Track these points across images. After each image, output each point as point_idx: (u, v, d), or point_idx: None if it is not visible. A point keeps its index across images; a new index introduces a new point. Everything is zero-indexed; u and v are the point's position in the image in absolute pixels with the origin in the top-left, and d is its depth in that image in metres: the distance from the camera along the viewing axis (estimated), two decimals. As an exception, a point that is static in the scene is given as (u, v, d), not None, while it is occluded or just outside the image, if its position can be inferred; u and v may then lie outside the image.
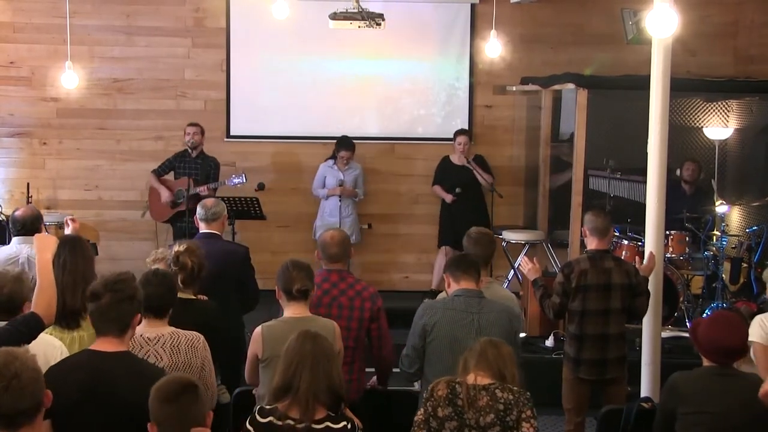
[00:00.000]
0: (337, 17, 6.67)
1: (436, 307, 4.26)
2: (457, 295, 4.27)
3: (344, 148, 8.21)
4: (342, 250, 4.51)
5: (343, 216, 8.18)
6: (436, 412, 3.41)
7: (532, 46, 8.90)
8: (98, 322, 3.19)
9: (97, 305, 3.16)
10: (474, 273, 4.33)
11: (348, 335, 4.38)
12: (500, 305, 4.33)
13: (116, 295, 3.16)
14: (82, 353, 3.34)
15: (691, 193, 8.08)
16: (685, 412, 3.54)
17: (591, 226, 5.08)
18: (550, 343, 6.82)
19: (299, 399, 3.14)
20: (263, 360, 3.93)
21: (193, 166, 7.89)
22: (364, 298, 4.45)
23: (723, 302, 7.20)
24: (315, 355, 3.22)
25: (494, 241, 4.78)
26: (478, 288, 4.32)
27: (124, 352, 3.20)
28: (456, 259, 4.47)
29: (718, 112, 8.62)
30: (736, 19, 9.07)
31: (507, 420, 3.37)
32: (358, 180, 8.38)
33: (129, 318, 3.20)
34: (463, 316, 4.18)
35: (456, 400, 3.40)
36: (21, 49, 8.75)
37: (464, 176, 8.30)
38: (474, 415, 3.37)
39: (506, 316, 4.26)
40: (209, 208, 5.29)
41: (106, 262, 8.29)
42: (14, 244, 5.16)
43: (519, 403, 3.41)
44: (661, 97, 5.03)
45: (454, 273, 4.34)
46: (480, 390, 3.42)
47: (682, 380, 3.63)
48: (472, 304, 4.21)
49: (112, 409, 3.03)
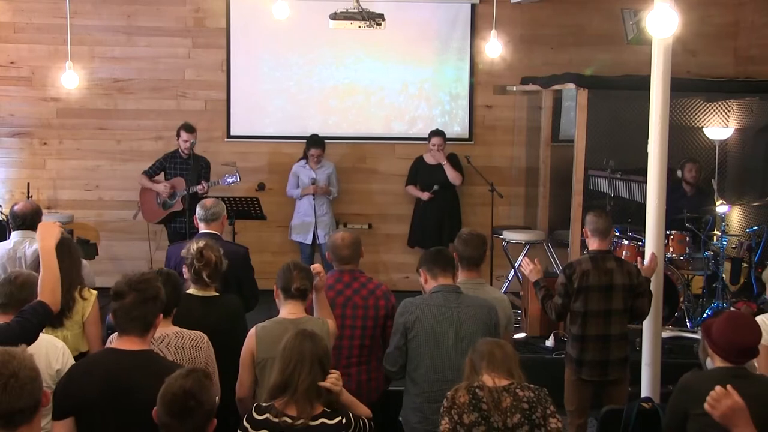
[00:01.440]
0: (338, 17, 6.67)
1: (416, 304, 4.26)
2: (436, 291, 4.28)
3: (314, 146, 8.18)
4: (353, 251, 4.52)
5: (319, 215, 8.16)
6: (461, 419, 3.39)
7: (533, 46, 8.91)
8: (121, 320, 3.19)
9: (121, 304, 3.17)
10: (450, 269, 4.35)
11: (364, 334, 4.39)
12: (479, 300, 4.33)
13: (140, 294, 3.17)
14: (104, 352, 3.38)
15: (692, 193, 8.07)
16: (699, 413, 3.49)
17: (592, 226, 5.08)
18: (551, 344, 6.82)
19: (297, 398, 3.17)
20: (257, 361, 3.92)
21: (185, 167, 7.85)
22: (378, 296, 4.47)
23: (723, 302, 7.20)
24: (313, 354, 3.24)
25: (486, 242, 4.76)
26: (455, 283, 4.33)
27: (146, 350, 3.22)
28: (432, 254, 4.42)
29: (718, 112, 8.62)
30: (737, 19, 9.07)
31: (533, 418, 3.39)
32: (332, 178, 8.35)
33: (152, 317, 3.22)
34: (443, 311, 4.19)
35: (480, 405, 3.39)
36: (21, 49, 8.75)
37: (438, 176, 8.30)
38: (500, 417, 3.37)
39: (485, 310, 4.25)
40: (208, 209, 5.27)
41: (107, 262, 8.32)
42: (14, 239, 5.14)
43: (541, 399, 3.43)
44: (662, 97, 5.02)
45: (432, 269, 4.34)
46: (501, 391, 3.41)
47: (695, 381, 3.59)
48: (451, 299, 4.22)
49: (133, 407, 3.04)
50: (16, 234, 5.16)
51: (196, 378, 2.83)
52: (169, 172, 7.97)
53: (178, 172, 7.89)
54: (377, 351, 4.47)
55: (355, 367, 4.40)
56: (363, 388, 4.34)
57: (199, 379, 2.83)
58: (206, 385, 2.85)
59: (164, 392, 2.81)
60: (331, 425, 3.17)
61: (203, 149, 8.21)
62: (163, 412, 2.79)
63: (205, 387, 2.84)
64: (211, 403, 2.85)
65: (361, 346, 4.38)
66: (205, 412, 2.81)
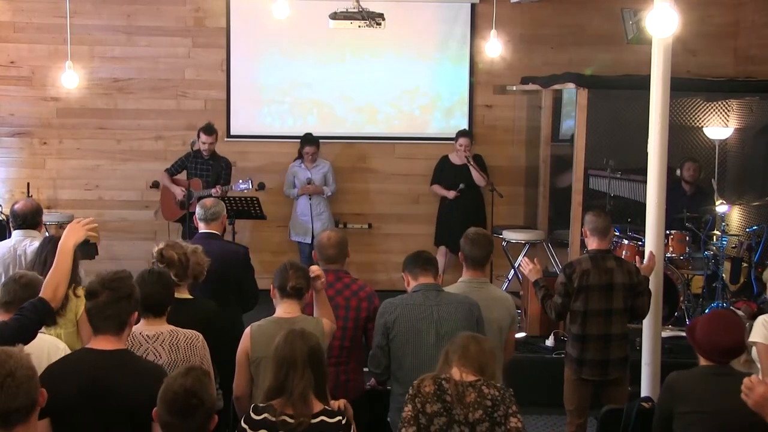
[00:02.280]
0: (338, 17, 6.68)
1: (395, 304, 4.27)
2: (416, 290, 4.29)
3: (308, 144, 8.20)
4: (338, 251, 4.52)
5: (315, 214, 8.16)
6: (424, 408, 3.43)
7: (533, 46, 8.91)
8: (96, 320, 3.17)
9: (95, 303, 3.15)
10: (432, 269, 4.36)
11: (344, 335, 4.38)
12: (460, 297, 4.33)
13: (113, 293, 3.15)
14: (79, 352, 3.34)
15: (692, 192, 8.07)
16: (683, 412, 3.54)
17: (592, 226, 5.08)
18: (551, 343, 6.82)
19: (294, 400, 3.17)
20: (252, 360, 3.92)
21: (205, 167, 7.93)
22: (361, 297, 4.46)
23: (723, 302, 7.20)
24: (304, 354, 3.23)
25: (492, 241, 4.77)
26: (436, 282, 4.34)
27: (122, 350, 3.19)
28: (413, 256, 4.45)
29: (718, 112, 8.62)
30: (737, 19, 9.07)
31: (495, 416, 3.41)
32: (328, 176, 8.36)
33: (126, 316, 3.19)
34: (422, 309, 4.21)
35: (444, 396, 3.43)
36: (21, 48, 8.75)
37: (462, 176, 8.31)
38: (462, 410, 3.41)
39: (466, 306, 4.25)
40: (208, 208, 5.27)
41: (107, 262, 8.29)
42: (15, 238, 5.13)
43: (505, 399, 3.46)
44: (661, 97, 5.03)
45: (413, 270, 4.36)
46: (467, 386, 3.44)
47: (679, 379, 3.63)
48: (430, 297, 4.24)
49: (110, 407, 3.02)
50: (17, 233, 5.15)
51: (196, 376, 2.83)
52: (190, 172, 8.00)
53: (198, 173, 7.93)
54: (357, 353, 4.47)
55: (334, 367, 4.33)
56: (341, 389, 4.30)
57: (198, 377, 2.83)
58: (206, 382, 2.85)
59: (164, 391, 2.80)
60: (331, 423, 3.18)
61: (203, 149, 8.22)
62: (165, 411, 2.79)
63: (205, 385, 2.84)
64: (212, 401, 2.85)
65: (341, 347, 4.36)
66: (207, 409, 2.81)
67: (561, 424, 5.71)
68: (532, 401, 5.51)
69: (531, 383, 5.80)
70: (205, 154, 7.90)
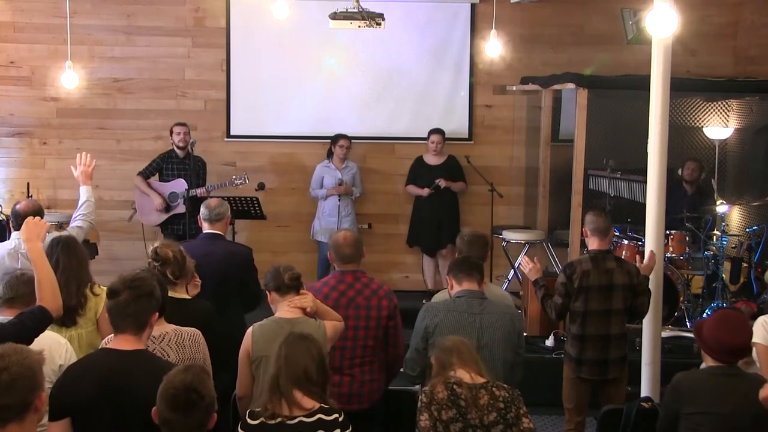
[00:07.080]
0: (337, 17, 6.66)
1: (438, 309, 4.26)
2: (459, 296, 4.28)
3: (342, 138, 8.22)
4: (355, 250, 4.50)
5: (342, 215, 8.17)
6: (440, 415, 3.41)
7: (532, 46, 8.91)
8: (116, 318, 3.21)
9: (115, 302, 3.19)
10: (477, 274, 4.36)
11: (367, 334, 4.38)
12: (502, 306, 4.35)
13: (134, 291, 3.19)
14: (99, 352, 3.37)
15: (692, 192, 8.07)
16: (690, 413, 3.52)
17: (592, 226, 5.09)
18: (550, 343, 6.83)
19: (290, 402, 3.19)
20: (253, 359, 3.93)
21: (182, 167, 7.83)
22: (381, 296, 4.45)
23: (723, 302, 7.20)
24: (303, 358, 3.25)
25: (488, 242, 4.79)
26: (480, 289, 4.32)
27: (141, 350, 3.22)
28: (459, 261, 4.49)
29: (718, 111, 8.63)
30: (736, 19, 9.07)
31: (508, 417, 3.42)
32: (356, 178, 8.39)
33: (147, 316, 3.22)
34: (465, 317, 4.20)
35: (458, 401, 3.41)
36: (21, 48, 8.75)
37: (437, 176, 8.29)
38: (477, 414, 3.40)
39: (508, 317, 4.28)
40: (213, 209, 5.22)
41: (106, 262, 8.30)
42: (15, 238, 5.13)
43: (515, 400, 3.47)
44: (661, 97, 5.03)
45: (457, 275, 4.36)
46: (479, 389, 3.43)
47: (686, 380, 3.62)
48: (474, 305, 4.23)
49: (129, 407, 3.05)
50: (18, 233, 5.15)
51: (195, 372, 2.86)
52: (166, 173, 7.93)
53: (175, 173, 7.86)
54: (380, 352, 4.46)
55: (359, 367, 4.38)
56: (365, 389, 4.34)
57: (198, 374, 2.86)
58: (205, 379, 2.88)
59: (165, 388, 2.82)
60: (328, 421, 3.19)
61: (203, 149, 8.22)
62: (165, 408, 2.80)
63: (205, 381, 2.86)
64: (212, 397, 2.86)
65: (365, 346, 4.37)
66: (207, 405, 2.83)
67: (561, 424, 5.71)
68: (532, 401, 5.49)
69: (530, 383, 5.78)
70: (181, 147, 7.79)
